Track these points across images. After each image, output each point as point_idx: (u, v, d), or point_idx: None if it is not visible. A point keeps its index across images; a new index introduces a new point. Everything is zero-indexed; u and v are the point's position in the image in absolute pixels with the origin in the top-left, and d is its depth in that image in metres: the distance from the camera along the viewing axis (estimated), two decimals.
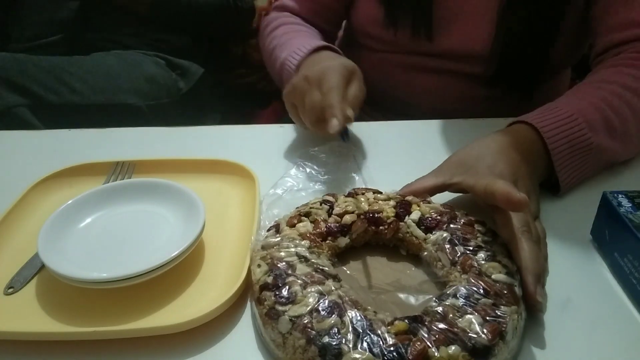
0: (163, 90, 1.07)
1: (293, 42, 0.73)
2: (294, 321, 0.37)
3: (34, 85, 0.93)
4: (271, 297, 0.39)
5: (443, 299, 0.39)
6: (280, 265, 0.42)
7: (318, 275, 0.41)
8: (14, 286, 0.45)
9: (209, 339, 0.41)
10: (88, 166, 0.60)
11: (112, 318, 0.42)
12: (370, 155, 0.66)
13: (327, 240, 0.46)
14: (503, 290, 0.39)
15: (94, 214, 0.51)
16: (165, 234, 0.49)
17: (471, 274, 0.41)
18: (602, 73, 0.63)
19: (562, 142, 0.54)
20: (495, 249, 0.44)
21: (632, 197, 0.48)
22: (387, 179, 0.60)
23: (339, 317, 0.37)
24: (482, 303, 0.38)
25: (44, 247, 0.45)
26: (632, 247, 0.44)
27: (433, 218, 0.47)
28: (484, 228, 0.47)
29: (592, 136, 0.55)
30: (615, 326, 0.42)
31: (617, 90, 0.59)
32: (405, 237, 0.48)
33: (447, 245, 0.44)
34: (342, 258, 0.48)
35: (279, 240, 0.45)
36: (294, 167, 0.59)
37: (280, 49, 0.75)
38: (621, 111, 0.57)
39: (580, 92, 0.60)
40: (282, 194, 0.54)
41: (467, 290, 0.40)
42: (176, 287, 0.45)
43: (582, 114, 0.55)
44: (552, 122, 0.55)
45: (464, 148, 0.55)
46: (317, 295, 0.39)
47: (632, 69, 0.61)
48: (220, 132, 0.74)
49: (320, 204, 0.50)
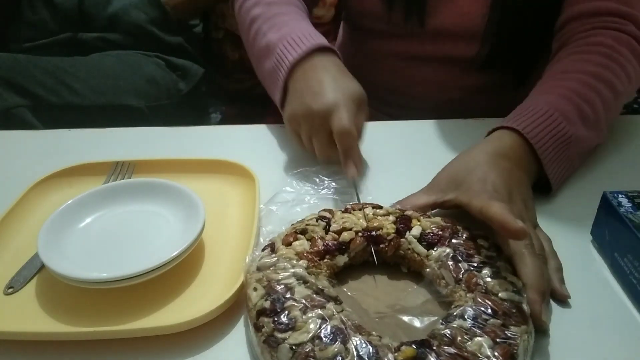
0: (163, 91, 1.07)
1: (286, 23, 0.66)
2: (294, 350, 0.35)
3: (35, 86, 0.93)
4: (270, 324, 0.37)
5: (450, 321, 0.37)
6: (278, 289, 0.39)
7: (318, 298, 0.39)
8: (13, 286, 0.45)
9: (209, 339, 0.41)
10: (88, 166, 0.60)
11: (111, 318, 0.42)
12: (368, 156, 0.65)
13: (325, 259, 0.44)
14: (512, 310, 0.38)
15: (93, 214, 0.51)
16: (164, 234, 0.49)
17: (477, 293, 0.39)
18: (564, 63, 0.62)
19: (545, 140, 0.53)
20: (500, 265, 0.42)
21: (632, 197, 0.47)
22: (385, 179, 0.61)
23: (342, 343, 0.35)
24: (491, 324, 0.37)
25: (43, 247, 0.45)
26: (632, 247, 0.44)
27: (435, 233, 0.45)
28: (487, 243, 0.45)
29: (569, 128, 0.55)
30: (615, 326, 0.42)
31: (584, 79, 0.58)
32: (406, 254, 0.46)
33: (451, 262, 0.42)
34: (341, 277, 0.46)
35: (275, 261, 0.42)
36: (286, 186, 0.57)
37: (267, 24, 0.67)
38: (590, 99, 0.57)
39: (548, 85, 0.60)
40: (276, 209, 0.52)
41: (475, 310, 0.37)
42: (176, 287, 0.45)
43: (555, 108, 0.55)
44: (532, 122, 0.54)
45: (451, 163, 0.53)
46: (318, 320, 0.36)
47: (594, 56, 0.60)
48: (221, 132, 0.74)
49: (317, 220, 0.48)
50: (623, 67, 0.60)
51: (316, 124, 0.57)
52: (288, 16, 0.67)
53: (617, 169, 0.61)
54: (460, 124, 0.72)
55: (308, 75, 0.60)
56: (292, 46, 0.62)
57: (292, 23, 0.66)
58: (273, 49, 0.63)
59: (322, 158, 0.59)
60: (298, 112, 0.58)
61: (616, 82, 0.59)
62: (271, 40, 0.64)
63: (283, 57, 0.62)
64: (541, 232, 0.49)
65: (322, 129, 0.57)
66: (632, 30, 0.63)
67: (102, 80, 1.00)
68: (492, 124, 0.57)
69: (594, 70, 0.59)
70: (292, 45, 0.62)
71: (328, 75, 0.59)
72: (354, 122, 0.56)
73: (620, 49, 0.61)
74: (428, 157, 0.65)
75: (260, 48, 0.66)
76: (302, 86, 0.59)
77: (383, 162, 0.64)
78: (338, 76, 0.60)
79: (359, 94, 0.59)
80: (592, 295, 0.45)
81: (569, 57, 0.62)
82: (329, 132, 0.56)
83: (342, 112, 0.55)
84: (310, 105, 0.57)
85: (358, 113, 0.58)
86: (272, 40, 0.64)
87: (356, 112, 0.57)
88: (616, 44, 0.61)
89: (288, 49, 0.62)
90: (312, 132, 0.58)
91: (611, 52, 0.61)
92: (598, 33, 0.63)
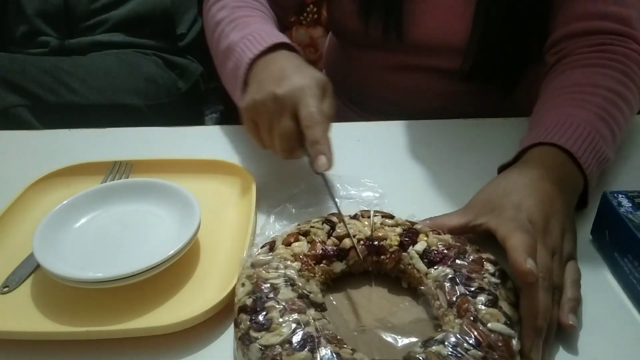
0: (162, 90, 1.07)
1: (248, 24, 0.63)
2: (263, 351, 0.35)
3: (33, 86, 0.93)
4: (247, 322, 0.37)
5: (429, 345, 0.36)
6: (263, 287, 0.39)
7: (299, 303, 0.38)
8: (9, 285, 0.45)
9: (204, 339, 0.41)
10: (85, 166, 0.60)
11: (106, 318, 0.42)
12: (363, 156, 0.65)
13: (322, 264, 0.43)
14: (498, 342, 0.36)
15: (89, 214, 0.51)
16: (160, 234, 0.49)
17: (466, 320, 0.37)
18: (583, 74, 0.60)
19: (590, 161, 0.50)
20: (500, 293, 0.40)
21: (632, 197, 0.47)
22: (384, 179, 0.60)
23: (310, 352, 0.34)
24: (471, 355, 0.35)
25: (39, 247, 0.45)
26: (632, 247, 0.44)
27: (439, 251, 0.43)
28: (494, 268, 0.42)
29: (607, 151, 0.53)
30: (615, 326, 0.41)
31: (610, 97, 0.56)
32: (406, 269, 0.44)
33: (447, 284, 0.40)
34: (340, 285, 0.45)
35: (269, 259, 0.42)
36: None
37: (229, 26, 0.64)
38: (618, 120, 0.56)
39: (576, 98, 0.57)
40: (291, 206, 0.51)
41: (458, 338, 0.36)
42: (171, 287, 0.45)
43: (594, 128, 0.52)
44: (575, 140, 0.51)
45: (489, 184, 0.50)
46: (293, 325, 0.36)
47: (612, 71, 0.59)
48: (219, 132, 0.74)
49: (322, 223, 0.46)
50: (636, 85, 0.59)
51: (279, 111, 0.51)
52: (251, 18, 0.65)
53: (617, 169, 0.61)
54: (459, 123, 0.71)
55: (270, 66, 0.56)
56: (252, 43, 0.58)
57: (255, 25, 0.63)
58: (234, 49, 0.60)
59: (284, 153, 0.52)
60: (258, 99, 0.52)
61: (632, 100, 0.58)
62: (233, 41, 0.61)
63: (243, 54, 0.58)
64: (573, 265, 0.45)
65: (286, 118, 0.51)
66: (637, 48, 0.62)
67: (101, 79, 1.00)
68: (491, 123, 0.56)
69: (616, 88, 0.57)
70: (253, 42, 0.59)
71: (290, 64, 0.55)
72: (322, 109, 0.51)
73: (632, 65, 0.60)
74: (427, 158, 0.65)
75: (222, 50, 0.64)
76: (263, 76, 0.55)
77: (382, 163, 0.64)
78: (303, 65, 0.55)
79: (323, 80, 0.54)
80: (592, 295, 0.44)
81: (587, 68, 0.60)
82: (294, 121, 0.51)
83: (308, 98, 0.50)
84: (272, 91, 0.51)
85: (325, 99, 0.53)
86: (234, 40, 0.61)
87: (323, 98, 0.52)
88: (627, 60, 0.60)
89: (248, 46, 0.58)
90: (274, 121, 0.51)
91: (626, 69, 0.59)
92: (607, 49, 0.61)
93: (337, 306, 0.42)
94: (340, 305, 0.43)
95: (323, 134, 0.50)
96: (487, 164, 0.55)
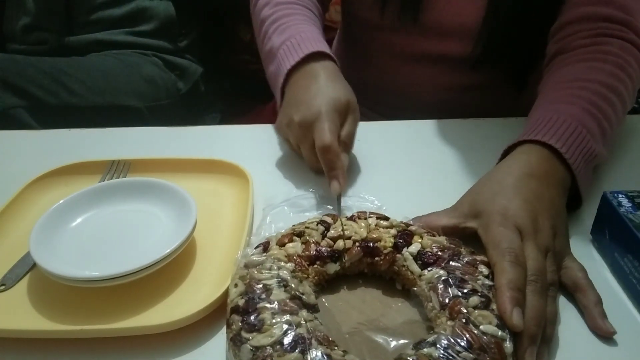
0: (162, 91, 1.06)
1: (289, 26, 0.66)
2: (254, 352, 0.35)
3: (32, 87, 0.93)
4: (238, 322, 0.37)
5: (420, 347, 0.36)
6: (256, 288, 0.39)
7: (292, 304, 0.38)
8: (5, 283, 0.45)
9: (198, 338, 0.41)
10: (83, 165, 0.60)
11: (102, 317, 0.42)
12: (365, 155, 0.65)
13: (315, 265, 0.43)
14: (490, 345, 0.35)
15: (86, 213, 0.51)
16: (156, 233, 0.48)
17: (458, 322, 0.37)
18: (576, 69, 0.60)
19: (576, 156, 0.50)
20: (492, 295, 0.39)
21: (632, 197, 0.47)
22: (384, 180, 0.60)
23: (301, 353, 0.34)
24: (463, 357, 0.34)
25: (35, 246, 0.44)
26: (632, 247, 0.44)
27: (433, 253, 0.43)
28: (487, 270, 0.42)
29: (593, 144, 0.52)
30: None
31: (601, 91, 0.56)
32: (400, 271, 0.44)
33: (440, 285, 0.40)
34: (334, 286, 0.45)
35: (263, 260, 0.42)
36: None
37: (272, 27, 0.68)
38: (608, 115, 0.55)
39: (564, 93, 0.57)
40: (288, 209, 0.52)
41: (449, 340, 0.35)
42: (168, 286, 0.45)
43: (581, 123, 0.52)
44: (560, 136, 0.51)
45: (476, 184, 0.50)
46: (285, 326, 0.36)
47: (607, 65, 0.58)
48: (218, 132, 0.74)
49: (317, 224, 0.46)
50: (631, 79, 0.59)
51: (301, 136, 0.57)
52: (292, 17, 0.68)
53: (617, 169, 0.60)
54: (459, 123, 0.71)
55: (299, 83, 0.61)
56: (290, 52, 0.63)
57: (295, 26, 0.66)
58: (275, 54, 0.65)
59: (311, 167, 0.60)
60: (283, 121, 0.60)
61: (625, 95, 0.58)
62: (274, 45, 0.66)
63: (281, 64, 0.63)
64: (574, 262, 0.45)
65: (305, 140, 0.57)
66: (634, 39, 0.61)
67: (100, 80, 1.00)
68: (490, 123, 0.56)
69: (609, 82, 0.57)
70: (291, 51, 0.63)
71: (315, 84, 0.59)
72: (340, 133, 0.55)
73: (628, 58, 0.59)
74: (427, 158, 0.64)
75: (266, 52, 0.68)
76: (291, 95, 0.61)
77: (382, 163, 0.64)
78: (326, 84, 0.59)
79: (345, 102, 0.57)
80: None
81: (580, 63, 0.60)
82: (312, 144, 0.56)
83: (323, 125, 0.54)
84: (292, 117, 0.57)
85: (346, 122, 0.57)
86: (275, 45, 0.66)
87: (341, 122, 0.57)
88: (624, 53, 0.60)
89: (287, 54, 0.63)
90: (299, 142, 0.58)
91: (622, 62, 0.59)
92: (605, 41, 0.61)
93: (329, 307, 0.42)
94: (333, 306, 0.43)
95: (336, 159, 0.54)
96: (487, 164, 0.55)
